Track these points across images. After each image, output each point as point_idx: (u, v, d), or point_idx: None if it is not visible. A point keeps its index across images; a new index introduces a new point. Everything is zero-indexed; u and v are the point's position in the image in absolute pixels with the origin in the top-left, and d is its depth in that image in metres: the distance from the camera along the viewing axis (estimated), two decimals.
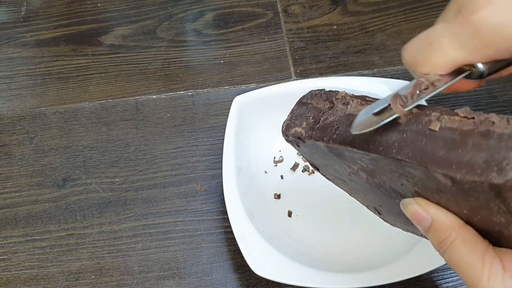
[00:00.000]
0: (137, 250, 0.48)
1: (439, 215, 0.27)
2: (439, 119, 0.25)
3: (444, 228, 0.27)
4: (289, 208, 0.49)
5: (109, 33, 0.61)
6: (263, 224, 0.46)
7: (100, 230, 0.49)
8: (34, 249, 0.49)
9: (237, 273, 0.47)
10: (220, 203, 0.50)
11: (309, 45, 0.59)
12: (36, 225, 0.50)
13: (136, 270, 0.47)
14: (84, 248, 0.48)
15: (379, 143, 0.27)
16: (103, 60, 0.59)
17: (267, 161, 0.51)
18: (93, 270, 0.47)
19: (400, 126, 0.27)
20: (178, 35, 0.61)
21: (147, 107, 0.56)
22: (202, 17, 0.62)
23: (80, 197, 0.51)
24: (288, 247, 0.45)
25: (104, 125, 0.55)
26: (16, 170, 0.53)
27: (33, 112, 0.56)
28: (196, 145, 0.53)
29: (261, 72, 0.58)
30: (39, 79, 0.58)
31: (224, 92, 0.57)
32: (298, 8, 0.62)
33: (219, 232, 0.49)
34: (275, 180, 0.50)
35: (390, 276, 0.41)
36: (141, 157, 0.53)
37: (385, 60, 0.58)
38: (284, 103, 0.51)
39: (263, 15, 0.62)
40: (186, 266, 0.47)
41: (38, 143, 0.54)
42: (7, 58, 0.60)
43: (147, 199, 0.51)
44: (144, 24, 0.62)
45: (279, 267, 0.42)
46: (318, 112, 0.32)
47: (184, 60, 0.59)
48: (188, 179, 0.51)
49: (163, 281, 0.47)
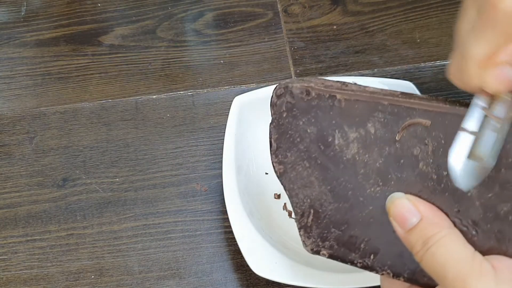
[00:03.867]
0: (137, 250, 0.48)
1: (430, 212, 0.27)
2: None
3: (434, 225, 0.26)
4: (289, 208, 0.49)
5: (109, 33, 0.61)
6: (263, 224, 0.46)
7: (100, 230, 0.49)
8: (34, 249, 0.49)
9: (237, 273, 0.47)
10: (220, 203, 0.50)
11: (309, 45, 0.59)
12: (36, 225, 0.50)
13: (136, 270, 0.47)
14: (84, 248, 0.48)
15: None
16: (103, 60, 0.59)
17: (267, 161, 0.51)
18: (93, 270, 0.47)
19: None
20: (178, 35, 0.61)
21: (147, 107, 0.56)
22: (202, 17, 0.62)
23: (80, 197, 0.51)
24: (288, 247, 0.45)
25: (104, 125, 0.55)
26: (16, 170, 0.53)
27: (33, 112, 0.56)
28: (196, 145, 0.53)
29: (261, 72, 0.58)
30: (39, 79, 0.58)
31: (224, 92, 0.57)
32: (298, 8, 0.62)
33: (219, 232, 0.49)
34: (275, 180, 0.50)
35: None
36: (141, 157, 0.53)
37: (385, 60, 0.58)
38: None
39: (263, 15, 0.62)
40: (186, 266, 0.47)
41: (38, 143, 0.54)
42: (7, 58, 0.60)
43: (147, 199, 0.51)
44: (144, 24, 0.62)
45: (279, 267, 0.42)
46: (327, 86, 0.31)
47: (184, 60, 0.59)
48: (188, 179, 0.51)
49: (163, 281, 0.47)
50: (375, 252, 0.31)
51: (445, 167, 0.26)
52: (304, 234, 0.33)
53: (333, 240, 0.32)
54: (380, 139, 0.29)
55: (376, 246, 0.31)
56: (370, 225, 0.30)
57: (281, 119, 0.32)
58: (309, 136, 0.31)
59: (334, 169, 0.31)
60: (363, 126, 0.29)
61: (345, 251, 0.32)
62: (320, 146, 0.31)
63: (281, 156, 0.33)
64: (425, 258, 0.26)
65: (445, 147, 0.26)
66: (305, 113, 0.31)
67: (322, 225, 0.32)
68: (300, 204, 0.33)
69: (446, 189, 0.27)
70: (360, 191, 0.30)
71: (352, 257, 0.32)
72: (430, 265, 0.26)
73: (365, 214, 0.30)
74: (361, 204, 0.30)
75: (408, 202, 0.27)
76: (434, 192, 0.27)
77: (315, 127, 0.31)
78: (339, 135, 0.30)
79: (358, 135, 0.30)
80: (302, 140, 0.32)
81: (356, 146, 0.30)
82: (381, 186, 0.29)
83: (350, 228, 0.31)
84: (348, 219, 0.31)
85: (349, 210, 0.31)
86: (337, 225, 0.32)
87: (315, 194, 0.32)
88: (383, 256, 0.31)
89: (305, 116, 0.31)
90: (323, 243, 0.32)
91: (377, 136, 0.29)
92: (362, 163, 0.30)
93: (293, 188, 0.33)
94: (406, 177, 0.28)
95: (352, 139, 0.30)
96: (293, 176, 0.33)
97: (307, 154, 0.32)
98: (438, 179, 0.27)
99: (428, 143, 0.27)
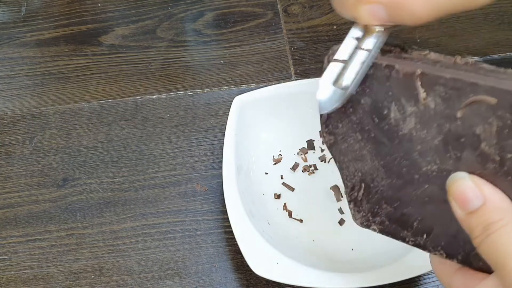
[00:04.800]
0: (137, 250, 0.48)
1: (495, 196, 0.25)
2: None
3: (498, 211, 0.25)
4: (289, 208, 0.49)
5: (109, 33, 0.61)
6: (263, 224, 0.46)
7: (100, 230, 0.49)
8: (34, 249, 0.49)
9: (237, 273, 0.47)
10: (220, 203, 0.50)
11: (309, 45, 0.59)
12: (36, 225, 0.50)
13: (136, 270, 0.47)
14: (84, 248, 0.48)
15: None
16: (103, 60, 0.59)
17: (267, 161, 0.51)
18: (93, 270, 0.47)
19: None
20: (178, 35, 0.61)
21: (147, 107, 0.56)
22: (202, 17, 0.62)
23: (80, 197, 0.51)
24: (288, 247, 0.45)
25: (104, 125, 0.55)
26: (16, 170, 0.53)
27: (33, 112, 0.56)
28: (196, 145, 0.53)
29: (261, 72, 0.58)
30: (39, 79, 0.58)
31: (224, 92, 0.57)
32: (298, 8, 0.62)
33: (219, 232, 0.49)
34: (275, 180, 0.50)
35: (390, 276, 0.41)
36: (141, 157, 0.53)
37: None
38: (284, 103, 0.51)
39: (263, 15, 0.62)
40: (186, 266, 0.47)
41: (38, 143, 0.54)
42: (7, 58, 0.60)
43: (147, 199, 0.51)
44: (144, 24, 0.62)
45: (279, 267, 0.42)
46: (384, 51, 0.30)
47: (184, 60, 0.59)
48: (188, 179, 0.51)
49: (163, 281, 0.47)
50: (428, 232, 0.29)
51: (510, 149, 0.25)
52: (354, 207, 0.32)
53: (384, 216, 0.30)
54: (440, 115, 0.27)
55: (430, 225, 0.29)
56: (424, 204, 0.29)
57: None
58: (363, 107, 0.29)
59: (389, 143, 0.29)
60: (422, 100, 0.27)
61: (396, 228, 0.30)
62: (374, 118, 0.29)
63: (331, 127, 0.31)
64: (484, 244, 0.25)
65: (511, 127, 0.25)
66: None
67: (373, 200, 0.31)
68: (351, 177, 0.31)
69: (509, 173, 0.25)
70: (415, 168, 0.28)
71: (404, 235, 0.30)
72: (489, 252, 0.25)
73: (420, 193, 0.29)
74: (416, 182, 0.28)
75: (472, 183, 0.26)
76: (495, 175, 0.26)
77: (369, 98, 0.29)
78: (395, 108, 0.28)
79: (416, 109, 0.27)
80: (355, 111, 0.30)
81: (414, 120, 0.27)
82: (439, 164, 0.27)
83: (403, 205, 0.30)
84: (401, 197, 0.29)
85: (403, 187, 0.29)
86: (390, 202, 0.30)
87: (366, 168, 0.30)
88: (437, 236, 0.29)
89: (359, 86, 0.29)
90: (373, 218, 0.31)
91: (437, 111, 0.27)
92: (419, 139, 0.28)
93: (344, 161, 0.31)
94: (466, 157, 0.26)
95: (410, 113, 0.28)
96: (344, 148, 0.31)
97: (359, 126, 0.30)
98: (501, 161, 0.25)
99: (492, 123, 0.25)
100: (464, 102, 0.26)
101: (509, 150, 0.25)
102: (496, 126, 0.25)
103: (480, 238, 0.25)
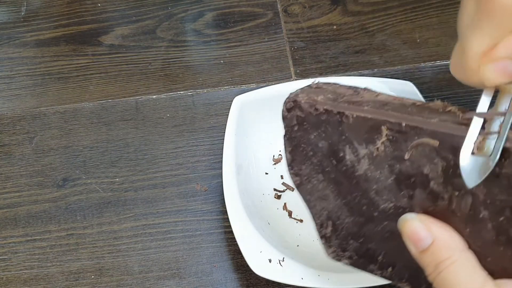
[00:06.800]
0: (137, 250, 0.48)
1: (443, 234, 0.26)
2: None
3: (446, 250, 0.26)
4: (289, 208, 0.49)
5: (109, 33, 0.61)
6: (263, 224, 0.46)
7: (100, 230, 0.49)
8: (34, 249, 0.49)
9: (237, 273, 0.47)
10: (220, 203, 0.50)
11: (309, 45, 0.59)
12: (36, 225, 0.50)
13: (136, 270, 0.47)
14: (84, 248, 0.48)
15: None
16: (103, 60, 0.59)
17: (267, 161, 0.51)
18: (93, 270, 0.47)
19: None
20: (178, 35, 0.61)
21: (147, 107, 0.56)
22: (202, 17, 0.62)
23: (80, 197, 0.51)
24: (288, 247, 0.45)
25: (104, 125, 0.55)
26: (16, 170, 0.53)
27: (33, 112, 0.56)
28: (196, 145, 0.53)
29: (261, 72, 0.58)
30: (39, 79, 0.58)
31: (224, 92, 0.57)
32: (298, 8, 0.62)
33: (219, 232, 0.49)
34: (275, 180, 0.50)
35: None
36: (141, 157, 0.53)
37: (385, 60, 0.58)
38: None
39: (263, 15, 0.62)
40: (186, 266, 0.47)
41: (38, 143, 0.54)
42: (7, 58, 0.60)
43: (147, 199, 0.51)
44: (144, 24, 0.62)
45: (279, 267, 0.42)
46: (338, 95, 0.31)
47: (184, 60, 0.59)
48: (188, 179, 0.51)
49: (163, 281, 0.47)
50: (392, 265, 0.30)
51: (455, 187, 0.26)
52: (325, 243, 0.33)
53: (352, 250, 0.32)
54: (390, 156, 0.28)
55: (393, 259, 0.30)
56: (386, 239, 0.30)
57: (293, 132, 0.32)
58: (321, 150, 0.31)
59: (347, 184, 0.30)
60: (372, 142, 0.28)
61: (364, 262, 0.32)
62: (332, 160, 0.30)
63: (296, 168, 0.33)
64: (436, 281, 0.26)
65: (454, 167, 0.25)
66: (315, 127, 0.30)
67: (340, 236, 0.32)
68: (319, 215, 0.33)
69: (457, 210, 0.26)
70: (374, 206, 0.30)
71: (371, 268, 0.32)
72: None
73: (380, 229, 0.30)
74: (376, 219, 0.30)
75: (420, 223, 0.27)
76: (446, 212, 0.27)
77: (326, 142, 0.30)
78: (349, 150, 0.29)
79: (368, 152, 0.29)
80: (315, 154, 0.31)
81: (367, 162, 0.29)
82: (395, 202, 0.29)
83: (367, 241, 0.31)
84: (365, 233, 0.31)
85: (365, 224, 0.30)
86: (355, 237, 0.31)
87: (331, 207, 0.32)
88: (401, 270, 0.30)
89: (315, 130, 0.30)
90: (343, 253, 0.32)
91: (386, 153, 0.28)
92: (374, 179, 0.29)
93: (310, 200, 0.33)
94: (418, 195, 0.27)
95: (363, 155, 0.29)
96: (310, 188, 0.32)
97: (320, 167, 0.31)
98: (450, 198, 0.26)
99: (438, 163, 0.26)
100: (410, 144, 0.27)
101: (456, 188, 0.26)
102: (441, 166, 0.26)
103: (433, 275, 0.26)
